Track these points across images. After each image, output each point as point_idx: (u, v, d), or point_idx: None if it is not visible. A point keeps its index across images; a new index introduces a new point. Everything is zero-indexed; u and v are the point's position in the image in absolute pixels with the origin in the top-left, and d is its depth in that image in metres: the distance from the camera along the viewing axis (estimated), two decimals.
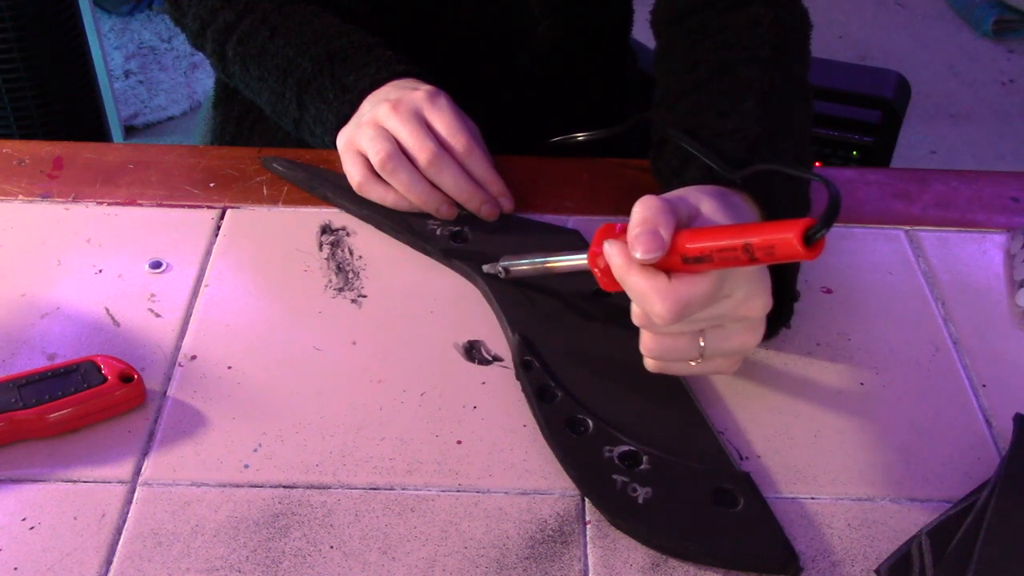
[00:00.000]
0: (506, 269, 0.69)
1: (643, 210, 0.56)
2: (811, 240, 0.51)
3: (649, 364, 0.62)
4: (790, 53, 0.76)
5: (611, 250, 0.58)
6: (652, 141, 0.76)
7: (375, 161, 0.72)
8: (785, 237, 0.52)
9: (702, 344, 0.59)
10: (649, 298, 0.56)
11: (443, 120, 0.73)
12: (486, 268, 0.71)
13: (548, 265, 0.67)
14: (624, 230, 0.58)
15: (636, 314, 0.59)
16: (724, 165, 0.65)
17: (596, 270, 0.60)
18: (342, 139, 0.76)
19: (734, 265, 0.54)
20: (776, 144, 0.68)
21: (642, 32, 1.05)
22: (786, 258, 0.53)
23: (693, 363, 0.60)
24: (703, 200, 0.59)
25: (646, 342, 0.60)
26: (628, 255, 0.57)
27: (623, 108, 1.04)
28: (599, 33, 0.97)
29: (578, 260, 0.64)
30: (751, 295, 0.57)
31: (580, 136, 0.83)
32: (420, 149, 0.72)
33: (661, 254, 0.55)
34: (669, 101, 0.76)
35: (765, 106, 0.70)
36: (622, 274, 0.57)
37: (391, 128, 0.73)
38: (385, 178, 0.73)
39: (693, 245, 0.55)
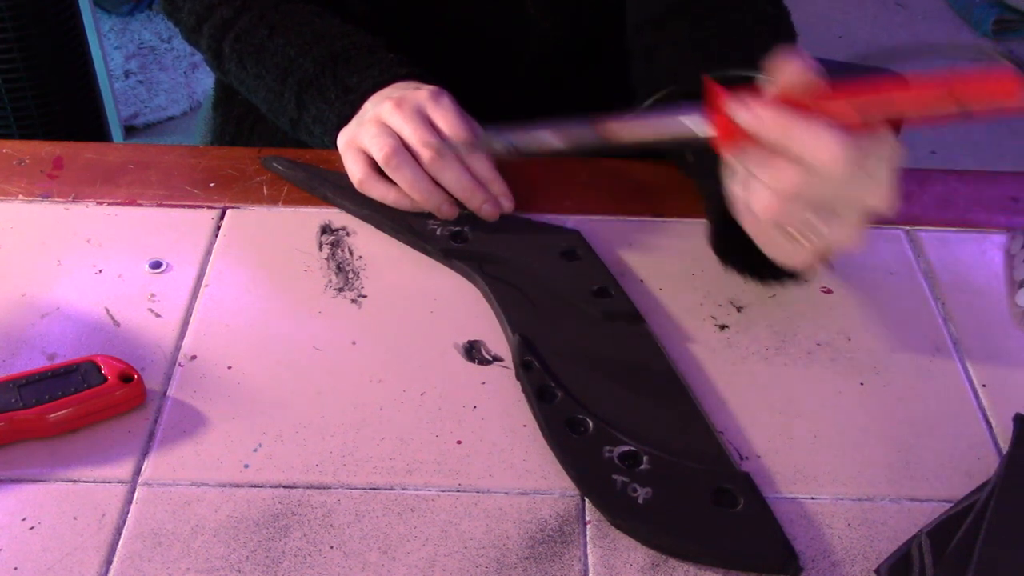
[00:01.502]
0: (515, 144, 0.61)
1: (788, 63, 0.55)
2: None
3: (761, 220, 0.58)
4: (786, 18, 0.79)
5: (754, 100, 0.55)
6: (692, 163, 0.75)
7: (379, 157, 0.72)
8: (1003, 81, 0.48)
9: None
10: (822, 135, 0.53)
11: (446, 119, 0.73)
12: (481, 139, 0.65)
13: (603, 133, 0.58)
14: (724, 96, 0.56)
15: (783, 170, 0.55)
16: None
17: (718, 120, 0.56)
18: (343, 138, 0.76)
19: (929, 119, 0.51)
20: None
21: None
22: (1000, 104, 0.49)
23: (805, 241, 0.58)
24: None
25: (765, 200, 0.57)
26: (780, 97, 0.53)
27: (623, 109, 1.04)
28: (599, 34, 0.97)
29: (684, 124, 0.57)
30: (885, 182, 0.56)
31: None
32: (423, 146, 0.72)
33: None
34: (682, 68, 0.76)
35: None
36: (778, 116, 0.54)
37: (394, 125, 0.73)
38: (389, 174, 0.73)
39: (878, 96, 0.51)
